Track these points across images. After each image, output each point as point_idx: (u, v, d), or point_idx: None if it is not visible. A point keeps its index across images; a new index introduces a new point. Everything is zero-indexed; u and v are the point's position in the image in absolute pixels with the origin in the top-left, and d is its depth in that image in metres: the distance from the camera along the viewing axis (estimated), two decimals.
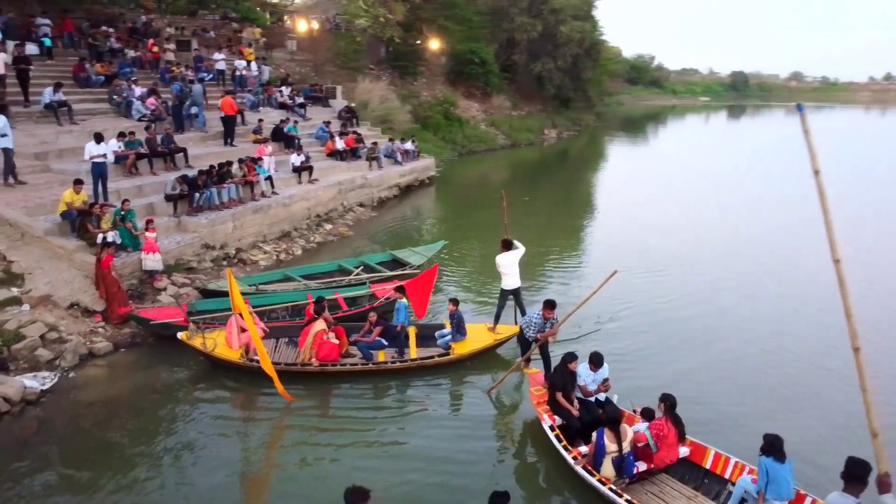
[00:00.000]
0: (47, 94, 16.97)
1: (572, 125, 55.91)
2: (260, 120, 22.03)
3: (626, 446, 7.23)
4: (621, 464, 7.20)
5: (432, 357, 10.02)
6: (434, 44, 45.01)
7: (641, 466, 7.34)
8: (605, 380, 8.33)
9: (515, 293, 11.19)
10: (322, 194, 19.79)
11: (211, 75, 24.58)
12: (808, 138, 4.43)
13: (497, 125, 45.56)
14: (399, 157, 26.73)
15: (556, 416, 8.17)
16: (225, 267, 14.70)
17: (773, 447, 6.37)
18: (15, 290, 11.26)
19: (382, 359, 10.05)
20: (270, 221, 16.97)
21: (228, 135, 20.22)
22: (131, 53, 24.77)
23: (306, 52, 38.93)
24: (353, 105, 30.07)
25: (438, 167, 32.81)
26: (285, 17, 41.97)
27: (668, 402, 7.40)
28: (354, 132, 26.13)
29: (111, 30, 27.56)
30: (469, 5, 47.39)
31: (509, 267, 10.92)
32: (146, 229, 12.95)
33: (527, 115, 51.54)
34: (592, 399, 8.28)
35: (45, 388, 9.53)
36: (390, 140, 27.38)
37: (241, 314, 9.23)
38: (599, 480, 7.00)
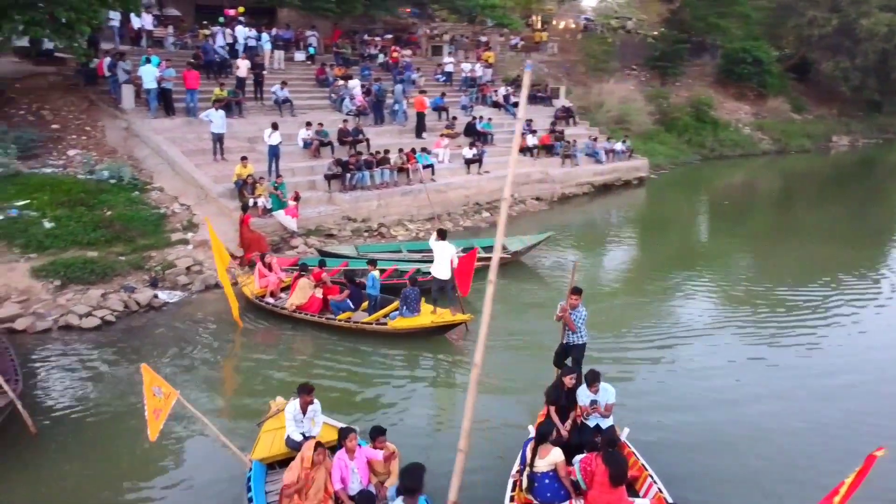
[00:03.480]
0: (277, 91, 21.66)
1: (877, 132, 48.03)
2: (454, 118, 24.63)
3: (542, 466, 6.64)
4: (533, 484, 6.66)
5: (371, 324, 11.43)
6: (701, 42, 42.98)
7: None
8: (609, 404, 7.64)
9: (445, 284, 12.12)
10: (486, 185, 21.57)
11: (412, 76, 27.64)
12: None
13: (765, 129, 41.76)
14: (602, 156, 27.06)
15: None
16: (365, 237, 17.64)
17: None
18: (189, 235, 15.42)
19: (342, 317, 11.71)
20: (420, 204, 19.35)
21: (420, 128, 23.16)
22: (381, 58, 29.38)
23: (566, 54, 40.61)
24: (570, 105, 30.95)
25: (663, 170, 32.04)
26: (535, 19, 43.97)
27: (607, 437, 6.75)
28: (557, 131, 27.18)
29: (377, 38, 32.83)
30: (750, 2, 43.98)
31: (439, 256, 12.10)
32: (293, 199, 16.32)
33: (815, 120, 45.96)
34: (592, 423, 7.60)
35: (171, 301, 13.23)
36: (592, 139, 27.76)
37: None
38: (513, 498, 6.70)
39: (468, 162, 21.93)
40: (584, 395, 7.65)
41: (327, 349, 11.35)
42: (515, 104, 28.69)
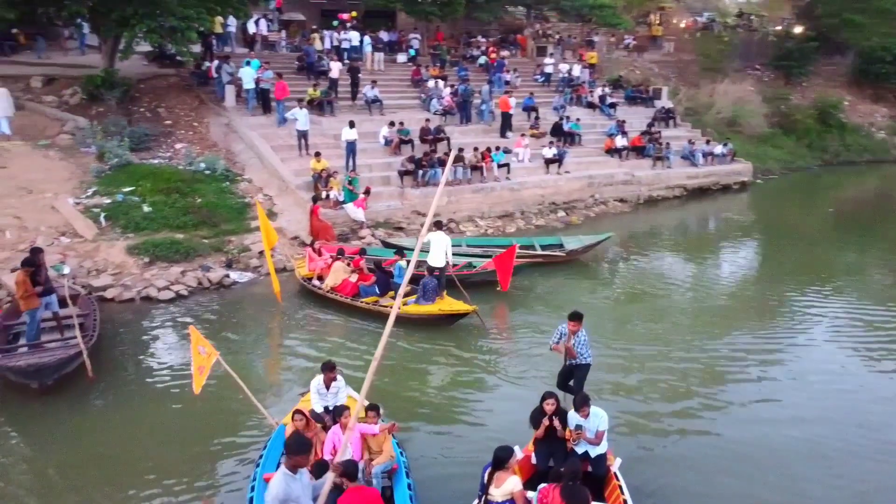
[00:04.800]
0: (367, 91, 22.89)
1: None
2: (536, 118, 24.78)
3: (498, 496, 6.24)
4: None
5: (388, 308, 11.96)
6: (832, 40, 39.93)
7: None
8: (600, 431, 7.20)
9: (441, 271, 12.81)
10: (564, 185, 21.65)
11: (506, 77, 27.91)
12: None
13: None
14: (699, 159, 26.18)
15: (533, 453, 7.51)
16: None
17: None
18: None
19: (367, 301, 12.60)
20: (492, 201, 19.83)
21: (505, 127, 23.58)
22: (481, 59, 30.04)
23: (682, 53, 39.31)
24: (671, 106, 30.04)
25: (772, 175, 30.39)
26: (653, 18, 42.68)
27: (570, 468, 6.28)
28: (653, 132, 26.56)
29: (482, 39, 33.58)
30: None
31: (434, 246, 12.93)
32: (364, 192, 17.36)
33: None
34: (581, 450, 7.24)
35: (240, 281, 14.61)
36: (689, 142, 26.85)
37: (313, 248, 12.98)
38: None
39: (548, 162, 22.06)
40: (572, 419, 7.29)
41: (355, 330, 12.29)
42: (611, 105, 28.35)
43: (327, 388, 8.38)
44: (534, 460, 7.43)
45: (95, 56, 22.69)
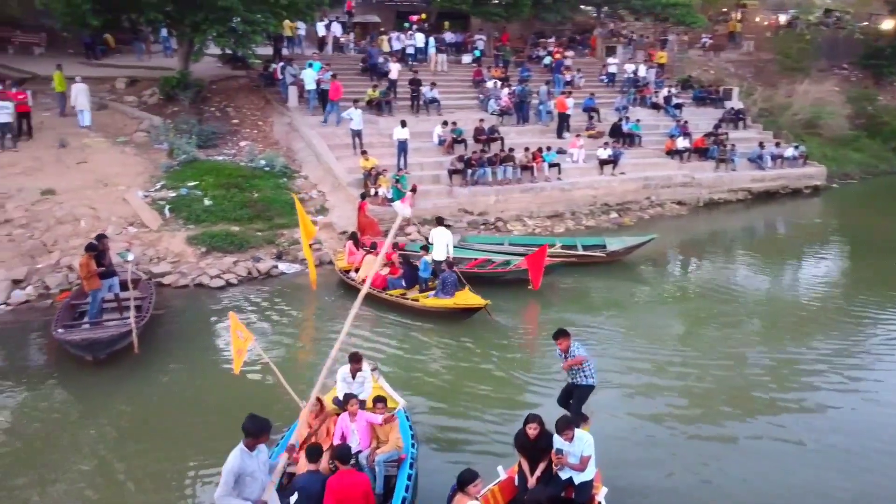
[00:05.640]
0: (426, 92, 23.41)
1: None
2: (590, 118, 24.61)
3: None
4: None
5: (407, 299, 13.00)
6: None
7: None
8: (584, 457, 6.82)
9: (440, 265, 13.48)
10: (618, 186, 21.47)
11: (566, 77, 27.71)
12: None
13: None
14: (767, 162, 25.34)
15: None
16: (481, 229, 18.72)
17: None
18: (319, 218, 17.62)
19: (393, 293, 13.15)
20: (541, 201, 19.95)
21: (562, 128, 23.59)
22: (546, 60, 30.05)
23: (762, 52, 37.95)
24: (742, 107, 29.08)
25: (851, 179, 28.99)
26: (734, 15, 41.27)
27: (532, 498, 6.46)
28: (719, 133, 25.87)
29: (550, 40, 33.55)
30: None
31: (437, 241, 13.66)
32: (411, 190, 17.84)
33: None
34: (565, 475, 6.93)
35: (287, 272, 15.42)
36: (760, 144, 25.94)
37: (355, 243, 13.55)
38: None
39: (602, 162, 21.93)
40: (556, 442, 6.91)
41: (384, 321, 12.88)
42: (677, 106, 27.75)
43: (353, 377, 8.79)
44: (517, 482, 7.15)
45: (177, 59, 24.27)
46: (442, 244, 13.65)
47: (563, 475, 6.92)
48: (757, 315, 13.98)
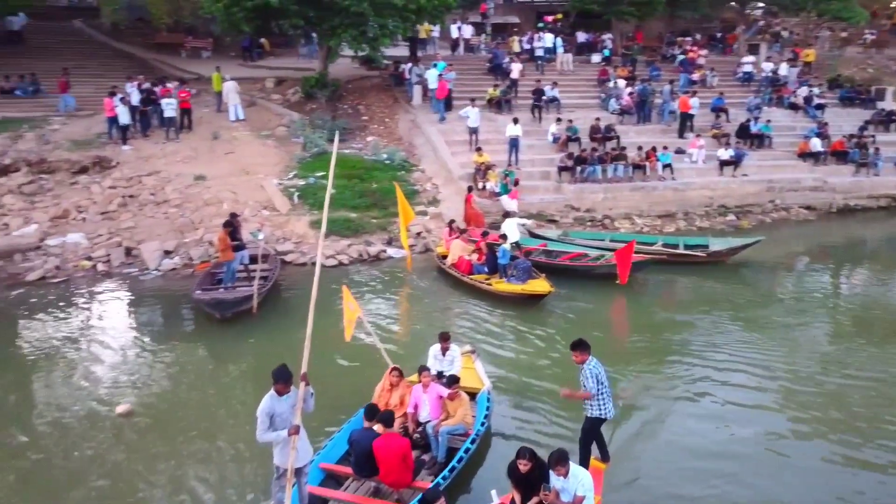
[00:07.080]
0: (547, 91, 23.95)
1: None
2: (717, 117, 23.86)
3: None
4: None
5: (483, 283, 13.94)
6: None
7: None
8: (579, 496, 6.23)
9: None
10: (738, 188, 20.84)
11: (697, 76, 26.90)
12: None
13: None
14: None
15: None
16: (588, 226, 19.08)
17: None
18: (430, 209, 18.81)
19: (476, 278, 14.14)
20: (653, 200, 19.87)
21: (684, 128, 23.19)
22: (680, 58, 29.44)
23: None
24: (892, 109, 26.76)
25: None
26: None
27: None
28: (864, 136, 24.15)
29: (687, 39, 32.77)
30: None
31: (509, 230, 15.17)
32: (516, 184, 18.60)
33: None
34: None
35: (394, 256, 16.70)
36: None
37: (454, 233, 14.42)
38: None
39: (723, 163, 21.37)
40: (553, 481, 6.36)
41: (470, 304, 13.79)
42: (818, 107, 26.18)
43: (443, 354, 9.59)
44: None
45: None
46: (513, 229, 15.00)
47: None
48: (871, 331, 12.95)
